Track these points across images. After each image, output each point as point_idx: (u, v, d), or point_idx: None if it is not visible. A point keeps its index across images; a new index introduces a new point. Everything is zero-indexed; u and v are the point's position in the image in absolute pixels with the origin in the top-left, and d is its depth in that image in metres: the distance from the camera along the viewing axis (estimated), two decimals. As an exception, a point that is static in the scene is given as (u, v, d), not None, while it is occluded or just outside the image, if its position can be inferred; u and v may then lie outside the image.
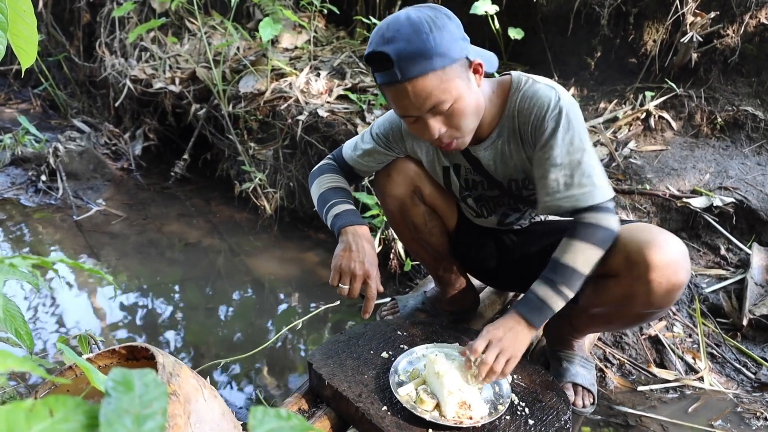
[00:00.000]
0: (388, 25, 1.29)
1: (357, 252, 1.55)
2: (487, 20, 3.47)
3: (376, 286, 1.55)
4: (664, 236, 1.43)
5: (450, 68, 1.30)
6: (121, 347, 1.14)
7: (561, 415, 1.49)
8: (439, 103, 1.33)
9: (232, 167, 3.91)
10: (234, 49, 4.01)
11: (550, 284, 1.47)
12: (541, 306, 1.47)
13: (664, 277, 1.39)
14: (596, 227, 1.43)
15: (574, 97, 3.43)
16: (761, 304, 2.32)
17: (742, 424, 1.85)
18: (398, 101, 1.35)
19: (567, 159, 1.42)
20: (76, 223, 3.46)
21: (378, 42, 1.30)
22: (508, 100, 1.50)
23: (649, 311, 1.50)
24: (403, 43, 1.26)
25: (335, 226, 1.62)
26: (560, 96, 1.42)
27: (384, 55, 1.27)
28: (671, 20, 3.18)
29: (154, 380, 0.53)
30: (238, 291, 2.85)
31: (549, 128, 1.42)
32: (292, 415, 0.53)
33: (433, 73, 1.29)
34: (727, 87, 3.16)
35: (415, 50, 1.25)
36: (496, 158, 1.59)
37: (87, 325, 2.47)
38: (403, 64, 1.27)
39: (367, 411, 1.43)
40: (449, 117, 1.37)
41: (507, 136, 1.54)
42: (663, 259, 1.39)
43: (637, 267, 1.42)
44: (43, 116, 5.29)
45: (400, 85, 1.30)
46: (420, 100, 1.32)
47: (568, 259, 1.44)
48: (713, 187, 2.69)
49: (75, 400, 0.50)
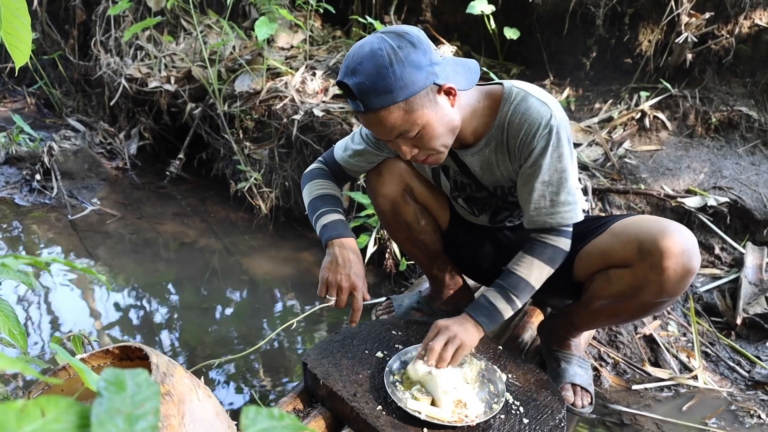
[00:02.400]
0: (354, 56, 1.30)
1: (343, 264, 1.59)
2: (483, 20, 3.47)
3: (362, 297, 1.60)
4: (675, 225, 1.47)
5: (414, 99, 1.31)
6: (115, 347, 1.14)
7: (555, 413, 1.50)
8: (404, 132, 1.35)
9: (227, 167, 3.90)
10: (230, 48, 4.00)
11: (505, 294, 1.55)
12: (494, 312, 1.55)
13: (680, 264, 1.43)
14: (554, 249, 1.53)
15: (569, 97, 3.44)
16: (755, 303, 2.32)
17: (736, 422, 1.86)
18: (368, 126, 1.39)
19: (555, 177, 1.47)
20: (71, 223, 3.45)
21: (343, 72, 1.32)
22: (499, 111, 1.50)
23: (660, 300, 1.52)
24: (363, 77, 1.27)
25: (323, 237, 1.65)
26: (552, 114, 1.43)
27: (347, 86, 1.30)
28: (666, 21, 3.19)
29: (147, 380, 0.53)
30: (233, 291, 2.84)
31: (539, 147, 1.45)
32: (284, 415, 0.53)
33: (395, 106, 1.30)
34: (721, 87, 3.17)
35: (375, 86, 1.27)
36: (483, 165, 1.60)
37: (82, 325, 2.46)
38: (364, 97, 1.29)
39: (362, 410, 1.44)
40: (419, 140, 1.39)
41: (495, 146, 1.55)
42: (678, 246, 1.43)
43: (651, 255, 1.45)
44: (37, 115, 5.27)
45: (364, 115, 1.34)
46: (386, 130, 1.35)
47: (523, 273, 1.53)
48: (707, 187, 2.70)
49: (67, 401, 0.50)
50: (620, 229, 1.57)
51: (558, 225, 1.50)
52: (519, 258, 1.56)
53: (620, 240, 1.53)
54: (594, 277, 1.62)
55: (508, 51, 3.86)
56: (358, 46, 1.31)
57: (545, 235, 1.54)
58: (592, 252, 1.60)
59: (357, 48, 1.31)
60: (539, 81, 3.63)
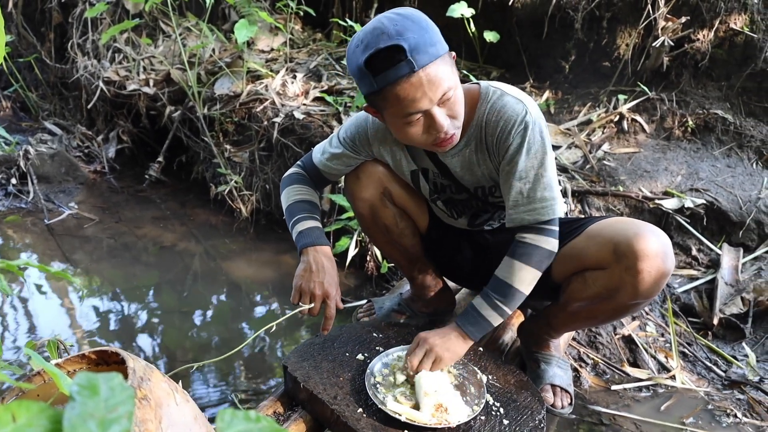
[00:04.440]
0: (383, 23, 1.28)
1: (317, 272, 1.59)
2: (464, 23, 3.49)
3: (335, 306, 1.59)
4: (649, 228, 1.48)
5: (447, 56, 1.34)
6: (91, 352, 1.12)
7: (535, 414, 1.50)
8: (447, 90, 1.34)
9: (207, 170, 3.87)
10: (209, 50, 3.98)
11: (490, 301, 1.54)
12: (480, 320, 1.55)
13: (653, 266, 1.44)
14: (537, 248, 1.50)
15: (549, 100, 3.47)
16: (731, 304, 2.36)
17: (713, 422, 1.88)
18: (410, 95, 1.32)
19: (532, 173, 1.47)
20: (48, 227, 3.40)
21: (382, 40, 1.27)
22: (477, 110, 1.51)
23: (635, 302, 1.53)
24: (411, 34, 1.26)
25: (298, 243, 1.66)
26: (527, 110, 1.44)
27: (397, 47, 1.25)
28: (643, 25, 3.23)
29: (121, 384, 0.53)
30: (213, 294, 2.82)
31: (515, 143, 1.45)
32: (261, 417, 0.53)
33: (441, 58, 1.31)
34: (697, 90, 3.22)
35: (424, 39, 1.28)
36: (464, 166, 1.60)
37: (59, 331, 2.42)
38: (416, 53, 1.27)
39: (342, 413, 1.43)
40: (451, 106, 1.38)
41: (474, 146, 1.56)
42: (651, 249, 1.44)
43: (625, 258, 1.46)
44: (13, 118, 5.19)
45: (413, 77, 1.29)
46: (433, 88, 1.31)
47: (508, 279, 1.52)
48: (684, 189, 2.74)
49: (39, 405, 0.49)
50: (596, 232, 1.58)
51: (536, 222, 1.49)
52: (504, 263, 1.54)
53: (596, 242, 1.54)
54: (571, 279, 1.63)
55: (488, 54, 3.88)
56: (378, 19, 1.31)
57: (527, 234, 1.51)
58: (568, 254, 1.61)
59: (385, 19, 1.30)
60: (519, 84, 3.65)
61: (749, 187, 2.74)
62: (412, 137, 1.42)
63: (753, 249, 2.60)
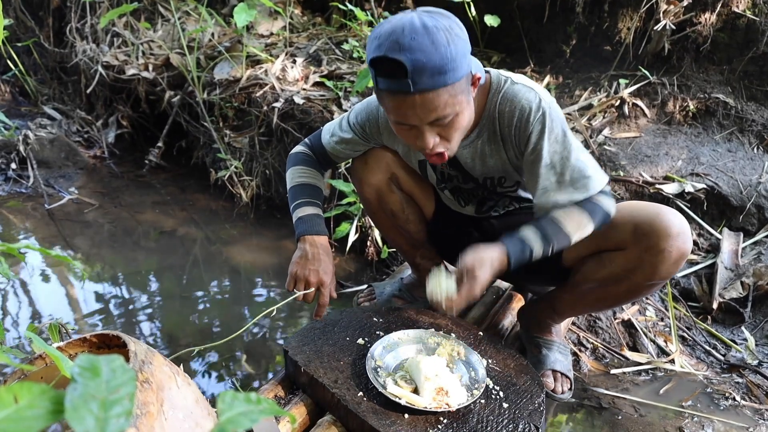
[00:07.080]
0: (404, 30, 1.19)
1: (312, 260, 1.62)
2: (464, 7, 3.46)
3: (329, 294, 1.63)
4: (668, 209, 1.48)
5: (458, 83, 1.27)
6: (92, 335, 1.13)
7: (535, 398, 1.51)
8: (443, 117, 1.29)
9: (207, 155, 3.87)
10: (208, 35, 3.96)
11: (538, 229, 1.48)
12: (522, 245, 1.47)
13: (675, 246, 1.44)
14: (595, 204, 1.47)
15: (550, 84, 3.45)
16: (731, 288, 2.36)
17: (711, 405, 1.89)
18: (400, 110, 1.30)
19: (558, 158, 1.45)
20: (48, 212, 3.40)
21: (391, 47, 1.20)
22: (488, 101, 1.49)
23: (651, 282, 1.52)
24: (420, 55, 1.18)
25: (297, 229, 1.67)
26: (540, 97, 1.43)
27: (398, 63, 1.19)
28: (645, 8, 3.21)
29: (122, 366, 0.53)
30: (214, 279, 2.83)
31: (536, 131, 1.43)
32: (261, 399, 0.53)
33: (444, 89, 1.24)
34: (699, 75, 3.20)
35: (432, 64, 1.19)
36: (475, 157, 1.59)
37: (61, 315, 2.43)
38: (418, 76, 1.20)
39: (343, 397, 1.44)
40: (446, 129, 1.34)
41: (487, 137, 1.54)
42: (674, 228, 1.44)
43: (647, 237, 1.45)
44: (12, 103, 5.17)
45: (408, 96, 1.25)
46: (425, 113, 1.28)
47: (560, 218, 1.47)
48: (685, 174, 2.73)
49: (40, 387, 0.49)
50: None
51: (570, 201, 1.47)
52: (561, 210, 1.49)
53: (613, 224, 1.52)
54: (584, 261, 1.62)
55: (488, 39, 3.86)
56: (406, 21, 1.21)
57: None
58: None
59: (407, 24, 1.20)
60: (520, 69, 3.63)
61: (750, 171, 2.73)
62: (404, 139, 1.42)
63: (753, 233, 2.60)
